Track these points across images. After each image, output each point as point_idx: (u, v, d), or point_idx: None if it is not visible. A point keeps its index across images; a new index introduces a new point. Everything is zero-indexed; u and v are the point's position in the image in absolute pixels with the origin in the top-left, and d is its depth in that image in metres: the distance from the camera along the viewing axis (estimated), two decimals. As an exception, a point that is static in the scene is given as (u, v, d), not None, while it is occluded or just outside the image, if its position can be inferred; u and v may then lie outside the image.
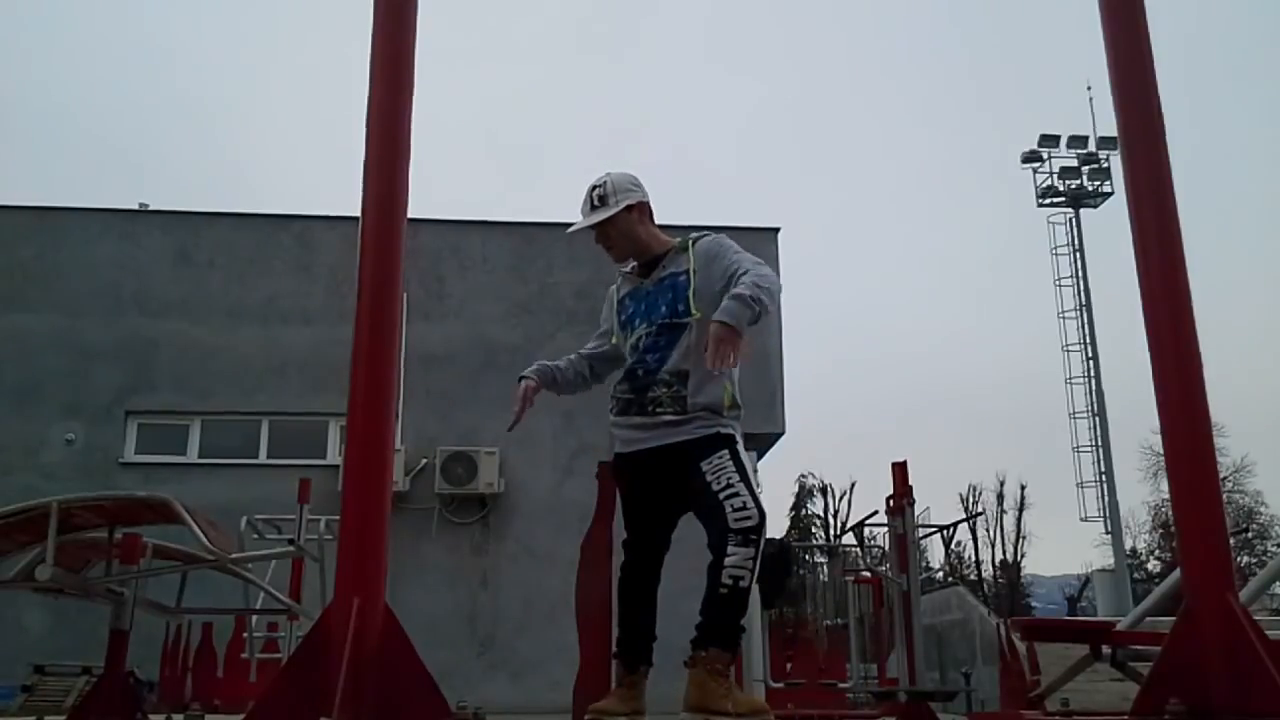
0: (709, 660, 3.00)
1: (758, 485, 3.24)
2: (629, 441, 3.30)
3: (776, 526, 34.95)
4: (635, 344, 3.35)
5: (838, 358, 62.82)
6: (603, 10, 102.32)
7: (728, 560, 3.03)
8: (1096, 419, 25.82)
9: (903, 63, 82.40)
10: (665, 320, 3.28)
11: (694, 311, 3.23)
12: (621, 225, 3.40)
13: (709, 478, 3.11)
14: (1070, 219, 27.50)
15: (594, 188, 3.41)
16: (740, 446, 3.22)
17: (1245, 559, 32.42)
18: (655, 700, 3.27)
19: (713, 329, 2.98)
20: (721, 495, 3.06)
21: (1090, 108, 27.50)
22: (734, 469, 3.11)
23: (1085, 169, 27.52)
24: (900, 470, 5.85)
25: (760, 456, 13.85)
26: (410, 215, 2.76)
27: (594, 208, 3.39)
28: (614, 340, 3.49)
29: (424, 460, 12.24)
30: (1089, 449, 25.86)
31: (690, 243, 3.39)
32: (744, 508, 3.04)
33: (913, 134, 77.28)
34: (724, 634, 3.03)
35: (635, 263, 3.47)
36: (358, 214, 2.69)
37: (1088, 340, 26.31)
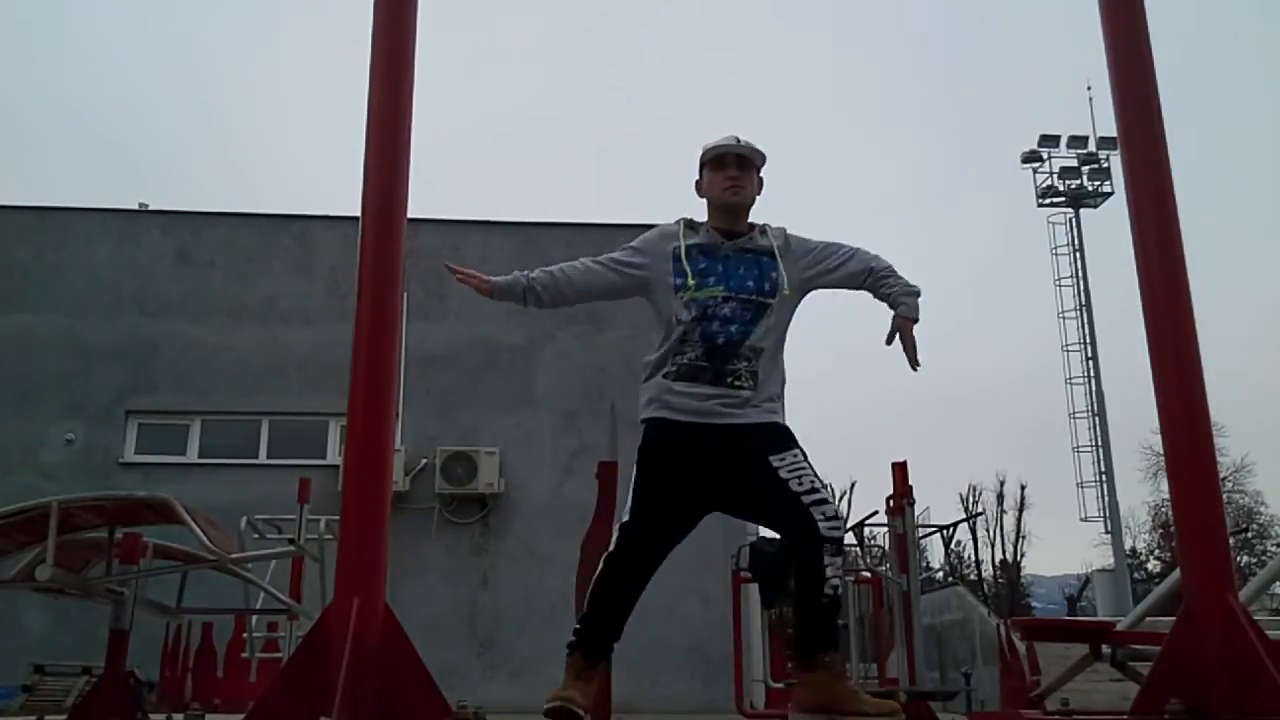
0: (831, 665, 3.03)
1: None
2: (695, 412, 3.17)
3: (776, 527, 34.88)
4: (704, 301, 3.23)
5: (838, 357, 62.76)
6: (603, 10, 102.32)
7: (827, 571, 3.02)
8: (1096, 419, 25.84)
9: (902, 63, 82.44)
10: (753, 296, 3.25)
11: (786, 290, 3.28)
12: (755, 176, 3.44)
13: (785, 475, 3.07)
14: (1070, 219, 27.53)
15: (739, 137, 3.41)
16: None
17: (1245, 559, 32.42)
18: (659, 700, 3.27)
19: (906, 326, 3.26)
20: (808, 500, 3.02)
21: (1090, 108, 27.53)
22: (812, 471, 3.10)
23: (1085, 169, 27.54)
24: (900, 470, 5.85)
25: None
26: (410, 215, 2.77)
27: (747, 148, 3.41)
28: (633, 271, 3.33)
29: (424, 460, 12.23)
30: (1089, 449, 25.90)
31: (767, 228, 3.44)
32: (835, 516, 3.03)
33: (913, 134, 77.33)
34: (833, 638, 3.08)
35: (712, 222, 3.40)
36: (358, 214, 2.69)
37: (1088, 340, 26.33)
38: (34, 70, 77.80)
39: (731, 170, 3.38)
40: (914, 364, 3.27)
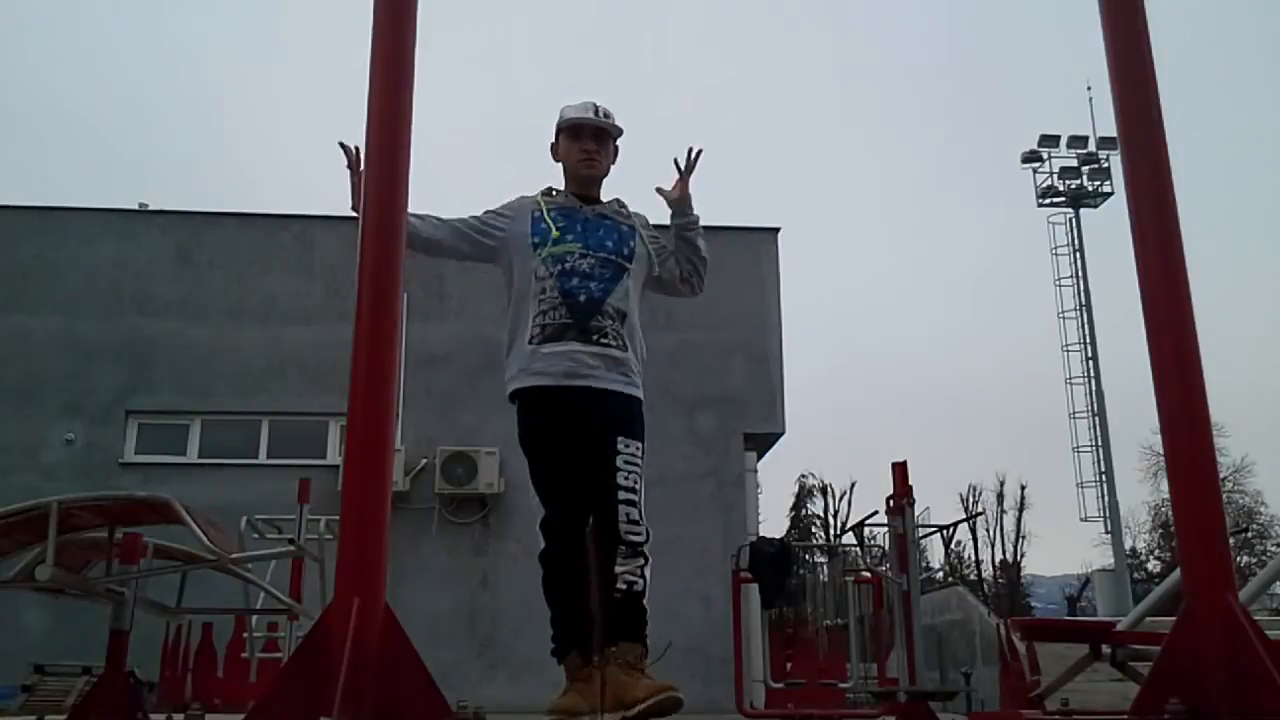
0: (619, 654, 3.07)
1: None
2: (564, 374, 3.17)
3: (777, 526, 34.95)
4: (561, 256, 3.26)
5: (838, 358, 62.81)
6: (604, 10, 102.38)
7: (619, 568, 3.10)
8: (1096, 419, 25.82)
9: (903, 63, 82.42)
10: (611, 256, 3.29)
11: (640, 259, 3.36)
12: (611, 149, 3.48)
13: (619, 463, 3.13)
14: (1070, 219, 27.52)
15: (598, 104, 3.45)
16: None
17: (1245, 559, 32.43)
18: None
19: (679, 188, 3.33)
20: (620, 498, 3.10)
21: (1090, 108, 27.54)
22: (639, 471, 3.17)
23: (1085, 169, 27.53)
24: (900, 470, 5.84)
25: (760, 456, 13.84)
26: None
27: (603, 117, 3.44)
28: (495, 231, 3.36)
29: (424, 460, 12.24)
30: (1089, 449, 25.88)
31: (623, 204, 3.50)
32: (637, 522, 3.10)
33: (912, 134, 77.32)
34: (629, 630, 3.11)
35: (569, 189, 3.48)
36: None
37: (1088, 340, 26.33)
38: (34, 70, 77.80)
39: (588, 143, 3.41)
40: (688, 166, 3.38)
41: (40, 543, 3.54)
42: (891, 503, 5.92)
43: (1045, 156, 28.05)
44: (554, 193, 3.46)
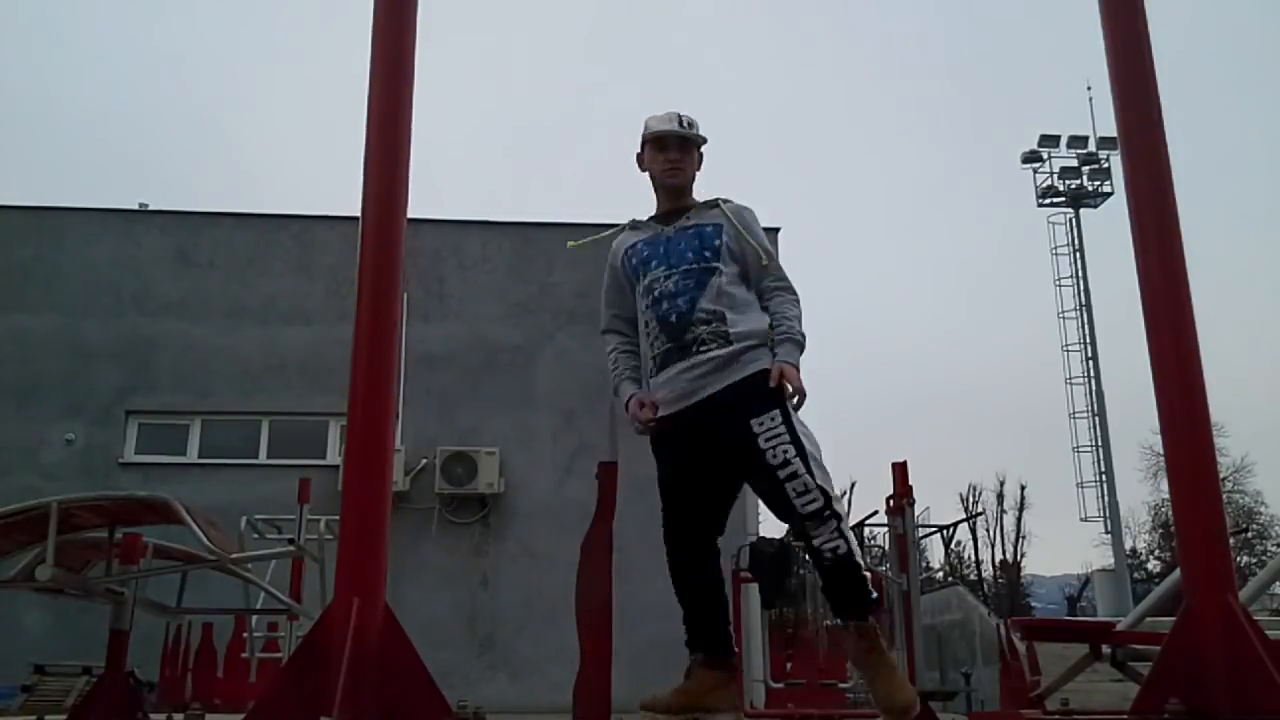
0: (854, 635, 3.02)
1: (804, 432, 3.10)
2: (677, 399, 3.19)
3: (777, 526, 34.89)
4: (651, 286, 3.29)
5: (838, 357, 62.77)
6: (605, 11, 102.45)
7: (815, 542, 3.00)
8: (1096, 419, 25.83)
9: (903, 63, 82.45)
10: (692, 265, 3.26)
11: (722, 261, 3.26)
12: (695, 156, 3.47)
13: (763, 444, 3.01)
14: (1070, 219, 27.52)
15: (680, 114, 3.43)
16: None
17: (1245, 559, 32.42)
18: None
19: (782, 369, 3.10)
20: (782, 476, 2.98)
21: (1090, 108, 27.53)
22: (788, 436, 3.02)
23: (1085, 169, 27.53)
24: (900, 470, 5.85)
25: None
26: (410, 215, 2.76)
27: (686, 126, 3.42)
28: (624, 293, 3.41)
29: (424, 460, 12.23)
30: (1089, 449, 25.88)
31: (719, 201, 3.43)
32: (806, 491, 2.97)
33: (913, 134, 77.31)
34: (853, 605, 3.04)
35: (659, 200, 3.47)
36: (358, 214, 2.69)
37: (1088, 340, 26.33)
38: (34, 70, 77.80)
39: (672, 153, 3.41)
40: (792, 402, 3.15)
41: (40, 543, 3.54)
42: (891, 503, 5.93)
43: (1045, 156, 28.06)
44: (637, 223, 3.47)
